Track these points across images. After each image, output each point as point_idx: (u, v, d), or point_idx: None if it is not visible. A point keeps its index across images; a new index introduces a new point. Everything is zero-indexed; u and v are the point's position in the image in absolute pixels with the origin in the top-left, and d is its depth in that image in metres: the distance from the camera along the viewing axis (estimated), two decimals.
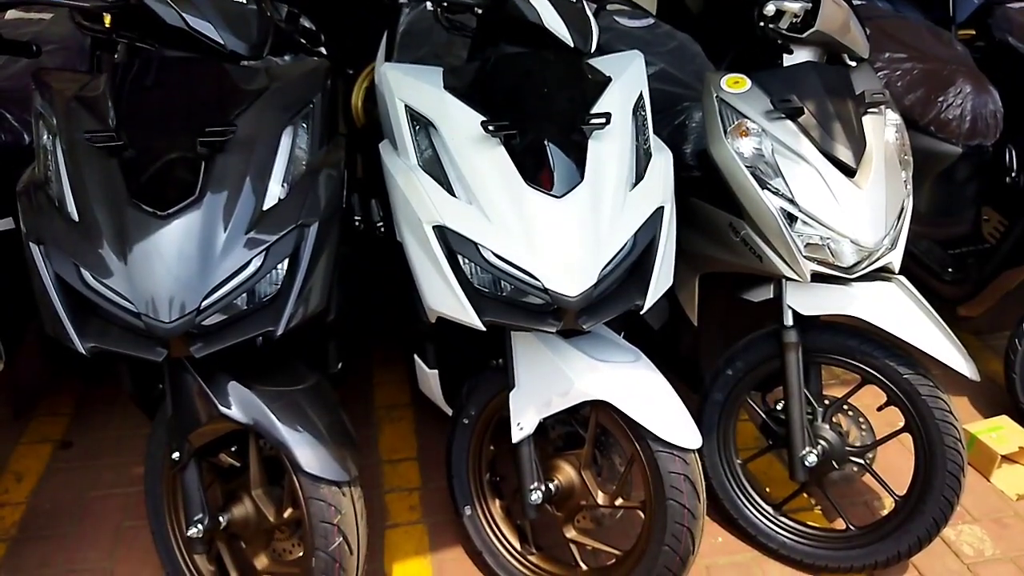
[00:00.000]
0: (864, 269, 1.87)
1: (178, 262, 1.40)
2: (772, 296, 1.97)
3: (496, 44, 1.75)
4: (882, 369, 1.91)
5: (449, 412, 2.01)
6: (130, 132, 1.47)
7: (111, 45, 1.83)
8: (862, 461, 2.00)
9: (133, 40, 1.63)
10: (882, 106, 1.95)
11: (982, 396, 2.72)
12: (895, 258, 1.91)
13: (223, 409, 1.55)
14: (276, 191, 1.52)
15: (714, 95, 1.91)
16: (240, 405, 1.55)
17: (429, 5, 1.78)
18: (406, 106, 1.68)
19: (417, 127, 1.68)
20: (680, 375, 2.23)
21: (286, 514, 1.68)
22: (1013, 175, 2.57)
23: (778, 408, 2.04)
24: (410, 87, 1.70)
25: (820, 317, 1.95)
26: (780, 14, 1.87)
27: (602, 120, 1.62)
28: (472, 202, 1.59)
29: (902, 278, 1.95)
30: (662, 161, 1.75)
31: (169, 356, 1.43)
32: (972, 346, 2.07)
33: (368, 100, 2.60)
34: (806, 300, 1.92)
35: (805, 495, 2.20)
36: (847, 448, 1.99)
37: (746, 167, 1.85)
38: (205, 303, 1.41)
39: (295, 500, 1.61)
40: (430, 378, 1.99)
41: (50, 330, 1.47)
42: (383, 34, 2.39)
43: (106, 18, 1.63)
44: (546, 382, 1.72)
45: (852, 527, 2.04)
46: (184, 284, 1.40)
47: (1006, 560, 2.12)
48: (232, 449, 1.73)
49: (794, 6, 1.85)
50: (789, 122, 1.85)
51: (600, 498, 1.82)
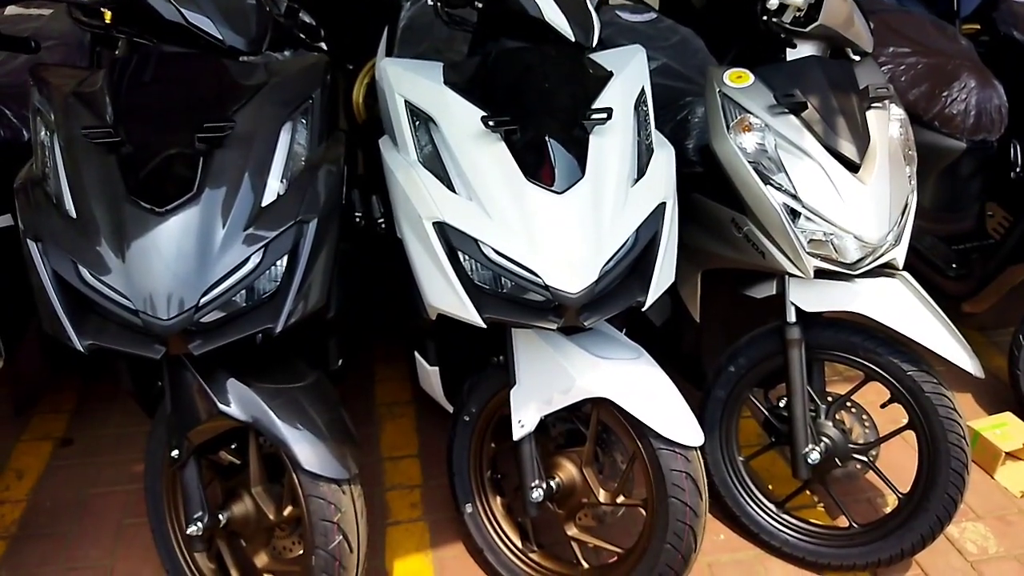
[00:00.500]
0: (868, 265, 1.86)
1: (176, 259, 1.39)
2: (775, 292, 1.96)
3: (497, 39, 1.74)
4: (886, 366, 1.90)
5: (450, 409, 2.00)
6: (128, 128, 1.47)
7: (111, 41, 1.83)
8: (865, 458, 1.99)
9: (132, 36, 1.63)
10: (886, 101, 1.94)
11: (986, 393, 2.71)
12: (899, 254, 1.90)
13: (222, 407, 1.54)
14: (275, 187, 1.51)
15: (717, 90, 1.89)
16: (239, 403, 1.55)
17: (430, 0, 1.77)
18: (406, 101, 1.67)
19: (417, 122, 1.67)
20: (682, 372, 2.23)
21: (286, 512, 1.67)
22: (1018, 170, 2.56)
23: (781, 405, 2.03)
24: (410, 82, 1.69)
25: (823, 313, 1.94)
26: (783, 8, 1.85)
27: (603, 115, 1.61)
28: (472, 198, 1.58)
29: (906, 274, 1.93)
30: (664, 157, 1.74)
31: (167, 353, 1.43)
32: (976, 342, 2.05)
33: (369, 96, 2.59)
34: (809, 296, 1.91)
35: (808, 492, 2.20)
36: (850, 445, 1.99)
37: (749, 162, 1.84)
38: (203, 300, 1.40)
39: (295, 498, 1.60)
40: (431, 375, 1.98)
41: (48, 327, 1.46)
42: (384, 29, 2.38)
43: (106, 14, 1.62)
44: (547, 379, 1.71)
45: (855, 524, 2.03)
46: (182, 281, 1.39)
47: (1010, 558, 2.11)
48: (232, 447, 1.72)
49: (797, 0, 1.83)
50: (792, 117, 1.84)
51: (601, 496, 1.82)
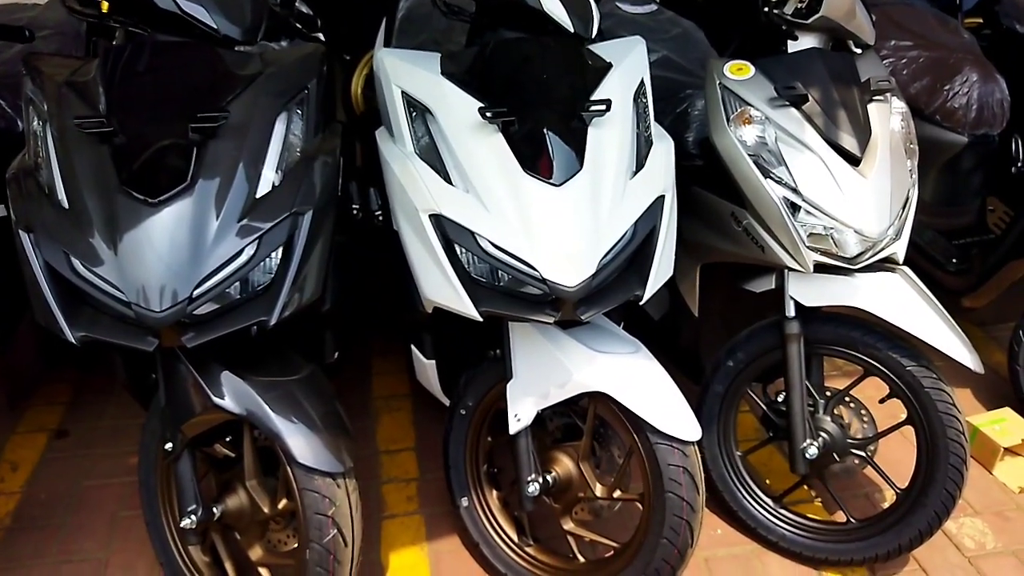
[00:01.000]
0: (868, 259, 1.85)
1: (169, 250, 1.38)
2: (774, 287, 1.95)
3: (495, 29, 1.73)
4: (885, 361, 1.89)
5: (446, 403, 1.99)
6: (121, 118, 1.45)
7: (108, 30, 1.81)
8: (863, 453, 1.98)
9: (126, 25, 1.61)
10: (888, 94, 1.93)
11: (985, 388, 2.70)
12: (899, 248, 1.89)
13: (216, 399, 1.53)
14: (270, 178, 1.50)
15: (717, 82, 1.88)
16: (233, 395, 1.54)
17: None
18: (403, 92, 1.66)
19: (414, 113, 1.66)
20: (680, 366, 2.22)
21: (280, 505, 1.67)
22: (1019, 165, 2.56)
23: (779, 400, 2.02)
24: (407, 73, 1.67)
25: (822, 308, 1.93)
26: (785, 0, 1.84)
27: (602, 107, 1.60)
28: (469, 190, 1.57)
29: (906, 269, 1.92)
30: (663, 149, 1.72)
31: (161, 346, 1.42)
32: (976, 337, 2.05)
33: (368, 87, 2.58)
34: (808, 291, 1.90)
35: (806, 487, 2.19)
36: (848, 440, 1.98)
37: (749, 155, 1.83)
38: (197, 292, 1.39)
39: (289, 491, 1.59)
40: (427, 368, 1.97)
41: (40, 319, 1.45)
42: (382, 20, 2.37)
43: (103, 3, 1.61)
44: (544, 373, 1.70)
45: (853, 520, 2.03)
46: (175, 273, 1.37)
47: (1008, 553, 2.10)
48: (226, 439, 1.71)
49: None
50: (793, 110, 1.82)
51: (598, 490, 1.81)
